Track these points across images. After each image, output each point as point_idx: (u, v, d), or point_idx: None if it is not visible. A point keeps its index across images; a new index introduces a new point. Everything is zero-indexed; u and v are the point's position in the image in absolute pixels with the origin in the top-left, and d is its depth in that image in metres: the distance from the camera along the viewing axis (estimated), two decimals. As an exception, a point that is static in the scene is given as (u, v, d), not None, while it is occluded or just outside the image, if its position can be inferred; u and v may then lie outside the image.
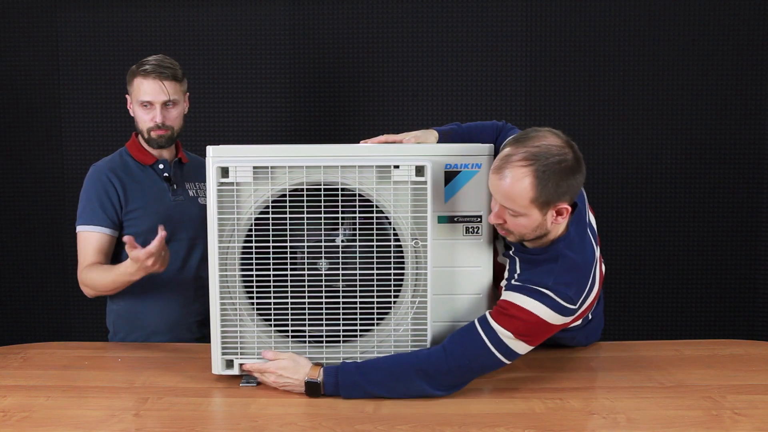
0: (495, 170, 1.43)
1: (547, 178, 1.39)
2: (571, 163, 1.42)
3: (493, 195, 1.47)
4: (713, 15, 2.78)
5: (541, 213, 1.43)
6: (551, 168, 1.39)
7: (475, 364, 1.46)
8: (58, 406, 1.44)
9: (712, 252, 2.85)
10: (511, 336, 1.44)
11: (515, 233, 1.49)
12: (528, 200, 1.40)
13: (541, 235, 1.49)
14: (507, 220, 1.46)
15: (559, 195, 1.42)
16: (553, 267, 1.48)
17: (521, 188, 1.40)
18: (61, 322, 2.93)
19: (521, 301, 1.45)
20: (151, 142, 1.97)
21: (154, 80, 1.91)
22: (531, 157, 1.40)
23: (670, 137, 2.82)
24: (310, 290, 1.52)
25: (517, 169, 1.40)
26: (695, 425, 1.32)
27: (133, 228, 1.93)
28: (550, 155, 1.40)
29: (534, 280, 1.47)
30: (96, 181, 1.92)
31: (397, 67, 2.82)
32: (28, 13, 2.83)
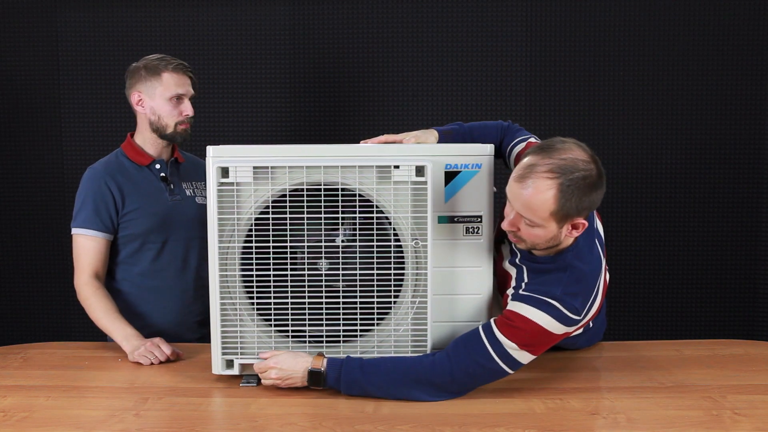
0: (518, 179, 1.40)
1: (570, 193, 1.37)
2: (595, 180, 1.40)
3: (512, 202, 1.43)
4: (713, 15, 2.78)
5: (558, 226, 1.42)
6: (576, 183, 1.37)
7: (479, 375, 1.45)
8: (58, 406, 1.44)
9: (712, 252, 2.85)
10: (515, 347, 1.43)
11: (527, 242, 1.47)
12: (548, 213, 1.38)
13: (552, 246, 1.48)
14: (521, 229, 1.44)
15: (579, 210, 1.40)
16: (561, 276, 1.46)
17: (543, 200, 1.37)
18: (61, 322, 2.93)
19: (528, 312, 1.43)
20: (177, 137, 1.97)
21: (185, 75, 1.96)
22: (557, 169, 1.37)
23: (670, 137, 2.82)
24: (310, 290, 1.52)
25: (542, 180, 1.37)
26: (695, 425, 1.32)
27: (130, 229, 1.93)
28: (576, 170, 1.37)
29: (542, 290, 1.46)
30: (92, 185, 1.92)
31: (397, 67, 2.82)
32: (28, 13, 2.83)
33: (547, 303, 1.43)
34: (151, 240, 1.95)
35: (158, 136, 1.97)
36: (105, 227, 1.90)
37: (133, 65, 1.99)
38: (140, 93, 1.96)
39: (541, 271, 1.51)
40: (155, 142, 1.99)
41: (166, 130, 1.95)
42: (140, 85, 1.95)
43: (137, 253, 1.95)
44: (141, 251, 1.95)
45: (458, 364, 1.44)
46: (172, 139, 1.98)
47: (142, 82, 1.95)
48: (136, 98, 1.97)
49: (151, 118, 1.96)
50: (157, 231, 1.95)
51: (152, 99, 1.94)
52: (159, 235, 1.96)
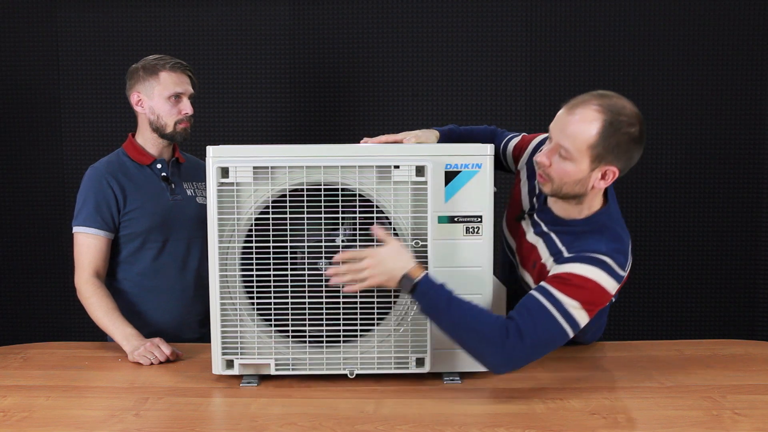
0: (568, 108, 1.46)
1: (612, 132, 1.42)
2: (637, 134, 1.44)
3: (554, 131, 1.47)
4: (713, 15, 2.78)
5: (591, 166, 1.45)
6: (619, 126, 1.42)
7: (548, 342, 1.44)
8: (58, 406, 1.44)
9: (712, 252, 2.85)
10: (578, 306, 1.42)
11: (554, 181, 1.49)
12: (586, 145, 1.43)
13: (577, 194, 1.50)
14: (553, 164, 1.47)
15: (616, 155, 1.44)
16: (599, 237, 1.50)
17: (586, 130, 1.42)
18: (61, 322, 2.93)
19: (583, 271, 1.44)
20: (177, 136, 1.97)
21: (182, 73, 1.96)
22: (607, 108, 1.43)
23: (670, 137, 2.82)
24: (311, 290, 1.52)
25: (591, 112, 1.43)
26: (695, 425, 1.32)
27: (131, 228, 1.94)
28: (623, 114, 1.43)
29: (588, 248, 1.47)
30: (94, 184, 1.92)
31: (397, 67, 2.82)
32: (28, 13, 2.83)
33: (598, 260, 1.45)
34: (151, 239, 1.96)
35: (158, 136, 1.98)
36: (106, 226, 1.90)
37: (132, 66, 1.99)
38: (139, 93, 1.96)
39: (577, 233, 1.53)
40: (156, 142, 1.99)
41: (165, 129, 1.96)
42: (139, 86, 1.96)
43: (138, 252, 1.96)
44: (141, 250, 1.96)
45: (531, 338, 1.40)
46: (172, 138, 1.98)
47: (140, 83, 1.96)
48: (135, 98, 1.97)
49: (151, 117, 1.96)
50: (158, 230, 1.95)
51: (151, 99, 1.95)
52: (160, 234, 1.96)
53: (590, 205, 1.54)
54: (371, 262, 1.43)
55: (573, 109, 1.45)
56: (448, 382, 1.56)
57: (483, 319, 1.42)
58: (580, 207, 1.55)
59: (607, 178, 1.47)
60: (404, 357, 1.55)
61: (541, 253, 1.59)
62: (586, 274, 1.44)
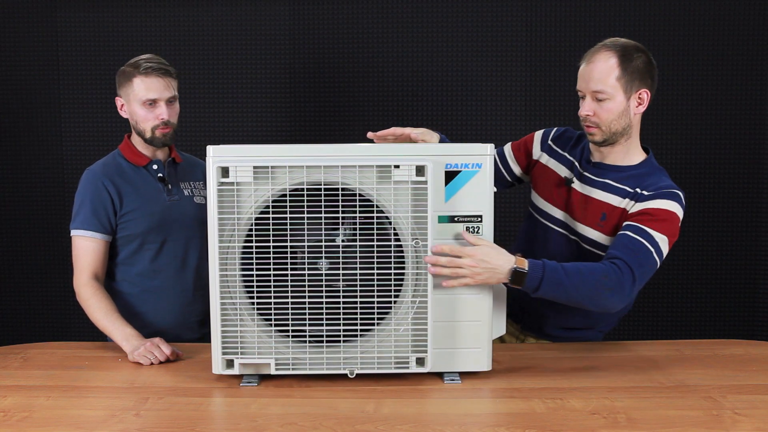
0: (585, 62, 1.69)
1: (629, 61, 1.65)
2: (647, 57, 1.68)
3: (583, 85, 1.69)
4: (713, 15, 2.78)
5: (626, 95, 1.66)
6: (631, 54, 1.66)
7: (648, 275, 1.62)
8: (58, 406, 1.44)
9: (712, 252, 2.85)
10: (666, 239, 1.62)
11: (603, 124, 1.68)
12: (615, 78, 1.65)
13: (625, 128, 1.69)
14: (596, 112, 1.67)
15: (641, 78, 1.66)
16: (661, 175, 1.72)
17: (608, 66, 1.65)
18: (61, 322, 2.93)
19: (666, 205, 1.64)
20: (155, 141, 1.94)
21: (158, 77, 1.90)
22: (615, 46, 1.67)
23: (670, 137, 2.82)
24: (311, 290, 1.52)
25: (603, 53, 1.67)
26: (695, 425, 1.32)
27: (129, 230, 1.93)
28: (630, 47, 1.67)
29: (662, 185, 1.68)
30: (90, 187, 1.92)
31: (397, 67, 2.82)
32: (28, 13, 2.83)
33: (674, 193, 1.67)
34: (149, 240, 1.95)
35: (143, 140, 1.97)
36: (103, 228, 1.90)
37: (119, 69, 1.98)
38: (121, 98, 1.97)
39: (641, 175, 1.72)
40: (145, 145, 1.99)
41: (144, 134, 1.94)
42: (121, 90, 1.96)
43: (136, 253, 1.95)
44: (140, 251, 1.95)
45: (639, 272, 1.58)
46: (152, 143, 1.96)
47: (121, 88, 1.95)
48: (119, 104, 1.98)
49: (132, 122, 1.97)
50: (156, 231, 1.95)
51: (129, 104, 1.94)
52: (157, 235, 1.96)
53: (636, 150, 1.76)
54: (472, 262, 1.49)
55: (590, 60, 1.68)
56: (448, 381, 1.56)
57: (599, 272, 1.57)
58: (629, 153, 1.75)
59: (643, 101, 1.69)
60: (404, 357, 1.55)
61: (610, 201, 1.72)
62: (669, 208, 1.64)
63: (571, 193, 1.79)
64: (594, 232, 1.74)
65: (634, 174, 1.72)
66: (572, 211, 1.79)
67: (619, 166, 1.74)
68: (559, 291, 1.55)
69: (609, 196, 1.73)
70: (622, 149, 1.74)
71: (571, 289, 1.54)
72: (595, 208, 1.74)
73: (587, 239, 1.76)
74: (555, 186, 1.84)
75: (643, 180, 1.70)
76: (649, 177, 1.71)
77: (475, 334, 1.57)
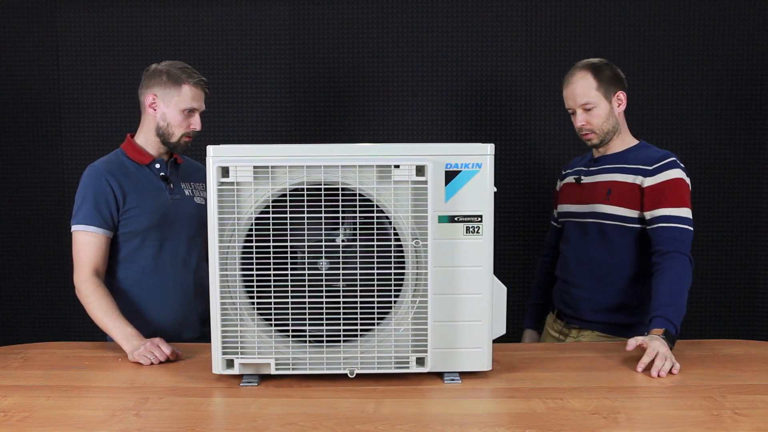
0: (566, 85, 2.03)
1: (601, 71, 1.99)
2: (613, 66, 2.03)
3: (571, 103, 2.02)
4: (713, 15, 2.78)
5: (607, 100, 1.99)
6: (600, 67, 2.00)
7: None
8: (58, 406, 1.44)
9: (712, 252, 2.85)
10: (689, 210, 1.90)
11: (596, 128, 2.00)
12: (593, 89, 1.98)
13: (614, 126, 2.01)
14: (588, 120, 1.99)
15: (614, 83, 2.00)
16: (649, 147, 2.03)
17: (586, 82, 1.99)
18: (61, 322, 2.93)
19: (673, 174, 1.92)
20: (179, 147, 1.99)
21: (202, 90, 1.98)
22: (584, 66, 2.01)
23: (669, 137, 2.82)
24: (311, 290, 1.52)
25: (579, 73, 2.01)
26: (695, 425, 1.32)
27: (130, 227, 1.94)
28: (597, 63, 2.02)
29: (657, 156, 1.95)
30: (93, 182, 1.92)
31: (397, 67, 2.82)
32: (28, 13, 2.83)
33: (672, 160, 1.94)
34: (150, 237, 1.96)
35: (161, 141, 1.98)
36: (105, 224, 1.91)
37: (154, 66, 1.98)
38: (156, 96, 1.96)
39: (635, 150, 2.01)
40: (157, 145, 2.00)
41: (171, 138, 1.97)
42: (158, 89, 1.96)
43: (137, 251, 1.96)
44: (141, 249, 1.96)
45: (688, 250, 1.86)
46: (174, 148, 2.00)
47: (160, 87, 1.95)
48: (150, 100, 1.97)
49: (160, 123, 1.97)
50: (157, 229, 1.96)
51: (167, 106, 1.95)
52: (159, 232, 1.96)
53: (629, 139, 2.06)
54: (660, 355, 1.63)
55: (570, 82, 2.02)
56: (448, 381, 1.56)
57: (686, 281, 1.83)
58: (624, 143, 2.04)
59: (622, 101, 2.02)
60: (404, 357, 1.55)
61: (614, 179, 2.00)
62: (676, 175, 1.92)
63: (582, 186, 2.08)
64: (601, 206, 2.00)
65: (629, 155, 2.01)
66: (583, 199, 2.07)
67: (615, 153, 2.04)
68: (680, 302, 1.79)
69: (612, 176, 2.01)
70: (616, 142, 2.05)
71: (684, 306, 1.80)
72: (601, 188, 2.02)
73: (595, 214, 2.02)
74: (570, 190, 2.15)
75: (637, 156, 1.99)
76: (641, 152, 2.00)
77: (475, 334, 1.57)
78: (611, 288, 1.99)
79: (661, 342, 1.66)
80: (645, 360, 1.62)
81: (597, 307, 2.01)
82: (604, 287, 2.00)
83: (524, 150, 2.84)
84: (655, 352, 1.62)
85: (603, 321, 2.01)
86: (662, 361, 1.61)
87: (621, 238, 1.98)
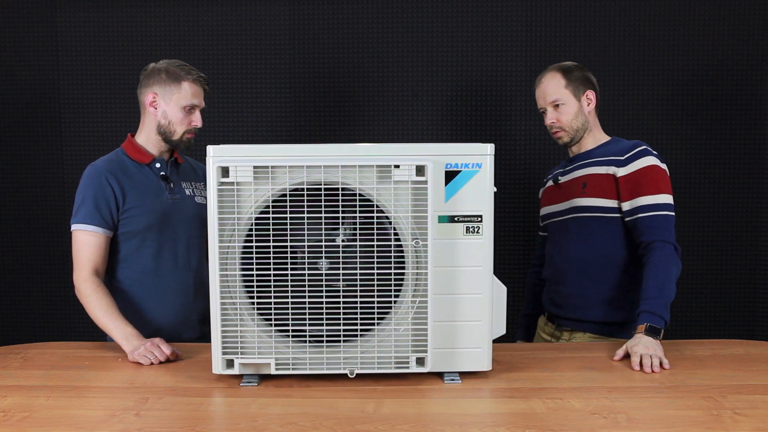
0: (537, 86, 2.09)
1: (570, 72, 2.05)
2: (583, 68, 2.08)
3: (542, 102, 2.07)
4: (713, 15, 2.78)
5: (576, 98, 2.04)
6: (571, 68, 2.06)
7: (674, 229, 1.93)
8: (58, 406, 1.44)
9: (712, 252, 2.85)
10: (670, 196, 1.93)
11: (566, 126, 2.04)
12: (563, 87, 2.03)
13: (584, 123, 2.05)
14: (557, 118, 2.04)
15: (584, 83, 2.05)
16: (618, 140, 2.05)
17: (556, 81, 2.04)
18: (61, 322, 2.93)
19: (647, 161, 1.93)
20: (181, 144, 1.99)
21: (201, 87, 1.99)
22: (554, 67, 2.07)
23: (670, 137, 2.82)
24: (311, 290, 1.52)
25: (549, 74, 2.07)
26: (695, 425, 1.32)
27: (130, 226, 1.94)
28: (566, 64, 2.07)
29: (628, 146, 1.98)
30: (94, 182, 1.92)
31: (397, 67, 2.82)
32: (28, 13, 2.83)
33: (642, 149, 1.95)
34: (150, 237, 1.96)
35: (162, 140, 1.99)
36: (105, 223, 1.91)
37: (152, 65, 1.99)
38: (156, 95, 1.96)
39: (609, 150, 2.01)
40: (158, 144, 2.00)
41: (173, 136, 1.97)
42: (158, 87, 1.96)
43: (137, 250, 1.96)
44: (141, 249, 1.96)
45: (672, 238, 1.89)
46: (176, 146, 2.00)
47: (160, 85, 1.96)
48: (150, 98, 1.97)
49: (161, 121, 1.97)
50: (157, 228, 1.96)
51: (167, 103, 1.96)
52: (159, 232, 1.96)
53: (601, 136, 2.09)
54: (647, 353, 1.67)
55: (540, 83, 2.08)
56: (448, 381, 1.56)
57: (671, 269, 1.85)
58: (595, 140, 2.08)
59: (592, 100, 2.06)
60: (404, 357, 1.55)
61: (588, 172, 2.02)
62: (650, 162, 1.93)
63: (560, 186, 2.12)
64: (578, 199, 2.03)
65: (602, 150, 2.04)
66: (562, 197, 2.10)
67: (588, 150, 2.08)
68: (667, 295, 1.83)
69: (585, 170, 2.04)
70: (588, 140, 2.09)
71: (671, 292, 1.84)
72: (577, 183, 2.05)
73: (574, 209, 2.04)
74: (550, 192, 2.18)
75: (609, 149, 2.02)
76: (613, 146, 2.03)
77: (475, 334, 1.57)
78: (598, 282, 2.00)
79: (643, 343, 1.69)
80: (634, 367, 1.65)
81: (587, 304, 2.01)
82: (591, 282, 2.01)
83: (524, 150, 2.84)
84: (637, 355, 1.66)
85: (594, 320, 2.00)
86: (648, 360, 1.64)
87: (601, 229, 1.99)
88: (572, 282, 2.04)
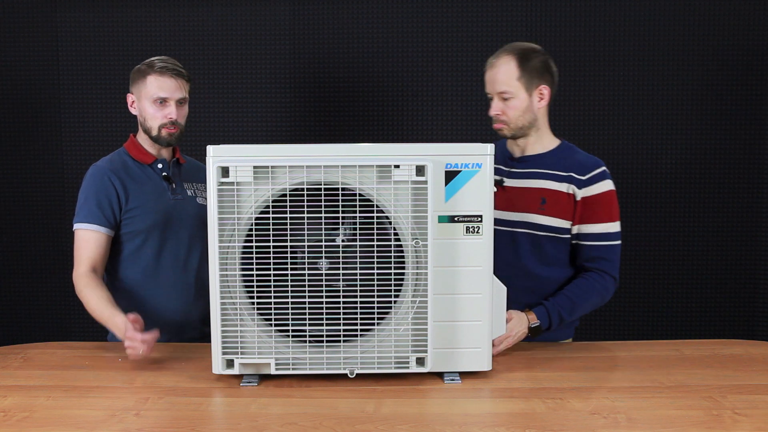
0: (488, 67, 1.86)
1: (528, 59, 1.82)
2: (545, 57, 1.85)
3: (490, 88, 1.86)
4: (713, 15, 2.78)
5: (528, 93, 1.83)
6: (529, 54, 1.83)
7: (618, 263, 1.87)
8: (59, 406, 1.44)
9: (712, 252, 2.85)
10: (617, 223, 1.85)
11: (510, 120, 1.85)
12: (515, 78, 1.82)
13: (530, 122, 1.86)
14: (503, 111, 1.84)
15: (539, 74, 1.83)
16: (573, 149, 1.90)
17: (508, 69, 1.82)
18: (61, 322, 2.93)
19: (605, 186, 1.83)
20: (161, 140, 1.97)
21: (171, 78, 1.93)
22: (511, 49, 1.84)
23: (670, 137, 2.82)
24: (311, 290, 1.52)
25: (504, 57, 1.84)
26: (695, 425, 1.32)
27: (133, 226, 1.94)
28: (527, 48, 1.85)
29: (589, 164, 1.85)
30: (96, 181, 1.93)
31: (397, 67, 2.82)
32: (28, 13, 2.83)
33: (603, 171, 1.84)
34: (152, 237, 1.96)
35: (150, 138, 1.99)
36: (107, 222, 1.91)
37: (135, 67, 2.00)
38: (132, 95, 1.99)
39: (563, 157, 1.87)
40: (150, 144, 2.01)
41: (151, 132, 1.97)
42: (133, 87, 1.99)
43: (139, 250, 1.96)
44: (143, 248, 1.96)
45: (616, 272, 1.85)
46: (157, 142, 1.99)
47: (134, 84, 1.98)
48: (130, 100, 2.00)
49: (140, 119, 1.99)
50: (159, 228, 1.96)
51: (140, 101, 1.97)
52: (161, 232, 1.97)
53: (549, 138, 1.92)
54: (511, 341, 1.74)
55: (492, 65, 1.85)
56: (448, 381, 1.56)
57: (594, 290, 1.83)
58: (542, 142, 1.91)
59: (544, 96, 1.86)
60: (404, 357, 1.55)
61: (547, 186, 1.86)
62: (608, 188, 1.83)
63: (507, 190, 1.91)
64: (535, 216, 1.86)
65: (554, 158, 1.88)
66: (512, 205, 1.90)
67: (539, 154, 1.90)
68: (572, 317, 1.83)
69: (544, 182, 1.87)
70: (534, 140, 1.90)
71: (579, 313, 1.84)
72: (534, 196, 1.87)
73: (528, 224, 1.88)
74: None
75: (565, 161, 1.86)
76: (570, 157, 1.87)
77: (475, 334, 1.57)
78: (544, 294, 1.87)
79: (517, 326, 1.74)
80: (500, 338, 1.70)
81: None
82: (538, 299, 1.85)
83: (524, 150, 2.84)
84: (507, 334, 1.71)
85: None
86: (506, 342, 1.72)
87: (554, 249, 1.87)
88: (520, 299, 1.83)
